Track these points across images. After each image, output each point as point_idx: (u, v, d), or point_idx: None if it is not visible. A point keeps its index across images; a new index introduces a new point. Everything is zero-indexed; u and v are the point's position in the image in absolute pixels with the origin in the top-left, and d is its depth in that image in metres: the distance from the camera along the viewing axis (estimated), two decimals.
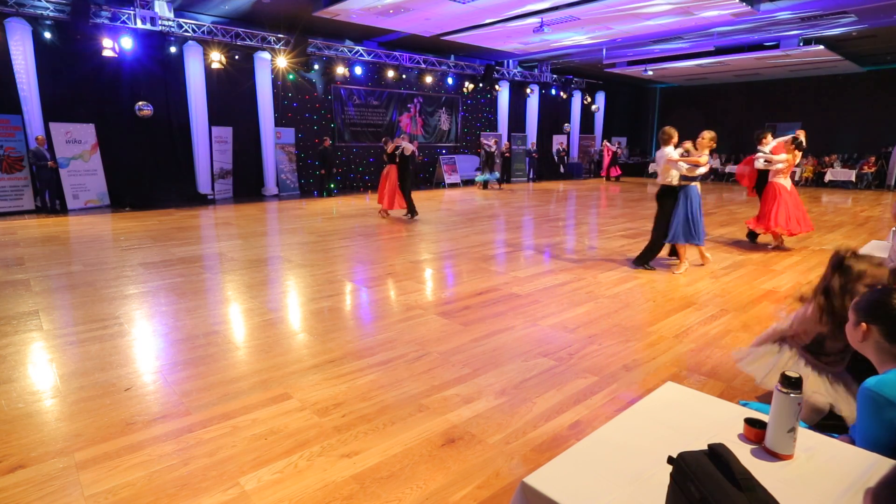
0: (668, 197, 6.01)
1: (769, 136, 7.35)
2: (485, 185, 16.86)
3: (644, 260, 6.24)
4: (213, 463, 2.45)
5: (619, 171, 21.01)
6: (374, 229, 9.13)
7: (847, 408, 2.18)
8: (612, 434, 1.55)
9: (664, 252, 6.55)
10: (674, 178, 5.95)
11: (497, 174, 17.15)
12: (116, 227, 9.41)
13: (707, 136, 5.87)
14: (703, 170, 5.83)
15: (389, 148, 10.34)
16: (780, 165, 7.07)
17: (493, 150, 16.47)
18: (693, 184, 5.92)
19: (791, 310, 2.47)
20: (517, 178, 19.80)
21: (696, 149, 6.01)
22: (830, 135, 19.03)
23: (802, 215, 7.26)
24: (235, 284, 5.60)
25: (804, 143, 7.11)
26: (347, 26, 13.14)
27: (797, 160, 7.30)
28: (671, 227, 5.98)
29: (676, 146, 5.95)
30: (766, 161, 7.21)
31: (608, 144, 21.12)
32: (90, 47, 10.86)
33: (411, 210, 10.32)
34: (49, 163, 10.51)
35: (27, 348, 3.84)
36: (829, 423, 2.43)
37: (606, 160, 20.78)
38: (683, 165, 5.81)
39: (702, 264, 6.35)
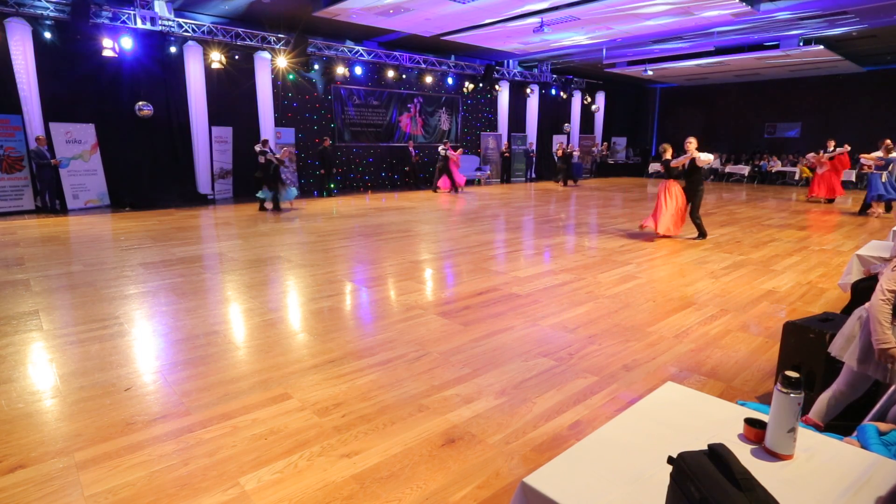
0: None
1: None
2: (268, 204, 11.45)
3: None
4: (213, 463, 2.45)
5: (462, 180, 15.84)
6: (375, 229, 9.12)
7: None
8: (612, 434, 1.55)
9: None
10: None
11: (291, 193, 11.76)
12: (116, 227, 9.41)
13: None
14: None
15: (669, 154, 8.03)
16: None
17: (271, 156, 11.05)
18: None
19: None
20: (517, 178, 19.83)
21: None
22: (830, 135, 19.00)
23: None
24: (235, 284, 5.60)
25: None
26: (347, 26, 13.14)
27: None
28: None
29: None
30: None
31: (449, 147, 15.30)
32: (90, 47, 10.86)
33: (702, 232, 8.17)
34: (52, 161, 10.51)
35: (27, 348, 3.84)
36: (832, 423, 2.44)
37: (452, 167, 15.42)
38: None
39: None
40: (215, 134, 12.91)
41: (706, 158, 7.76)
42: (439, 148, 15.42)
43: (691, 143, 7.76)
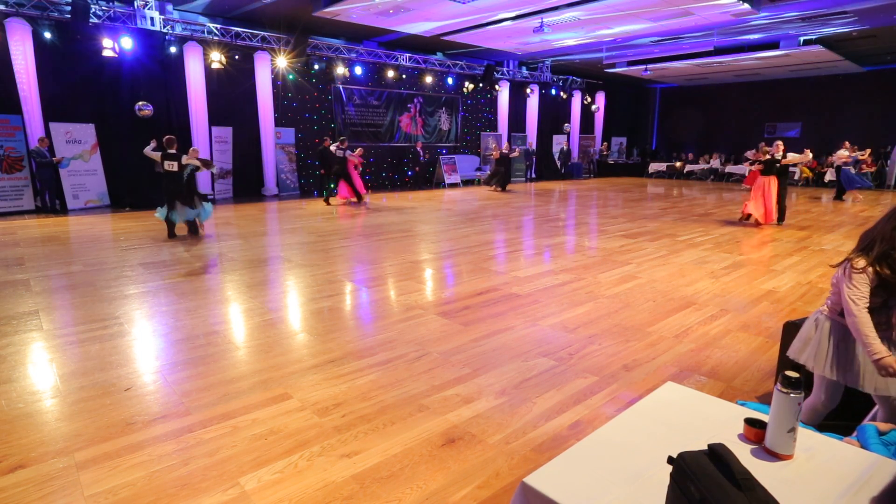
0: None
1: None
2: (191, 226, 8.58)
3: None
4: (213, 463, 2.45)
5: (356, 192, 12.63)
6: (375, 229, 9.12)
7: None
8: (612, 434, 1.55)
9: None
10: None
11: (203, 211, 8.58)
12: (116, 227, 9.41)
13: None
14: None
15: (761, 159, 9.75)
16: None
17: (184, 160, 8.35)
18: None
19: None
20: (517, 179, 19.78)
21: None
22: (830, 135, 19.04)
23: None
24: (235, 284, 5.60)
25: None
26: (347, 26, 13.13)
27: None
28: None
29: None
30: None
31: (346, 147, 12.45)
32: (90, 47, 10.85)
33: (783, 216, 9.70)
34: (54, 158, 10.51)
35: (27, 348, 3.83)
36: (829, 423, 2.44)
37: (353, 172, 12.55)
38: None
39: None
40: (215, 134, 12.91)
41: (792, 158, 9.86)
42: (332, 147, 12.34)
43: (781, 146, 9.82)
